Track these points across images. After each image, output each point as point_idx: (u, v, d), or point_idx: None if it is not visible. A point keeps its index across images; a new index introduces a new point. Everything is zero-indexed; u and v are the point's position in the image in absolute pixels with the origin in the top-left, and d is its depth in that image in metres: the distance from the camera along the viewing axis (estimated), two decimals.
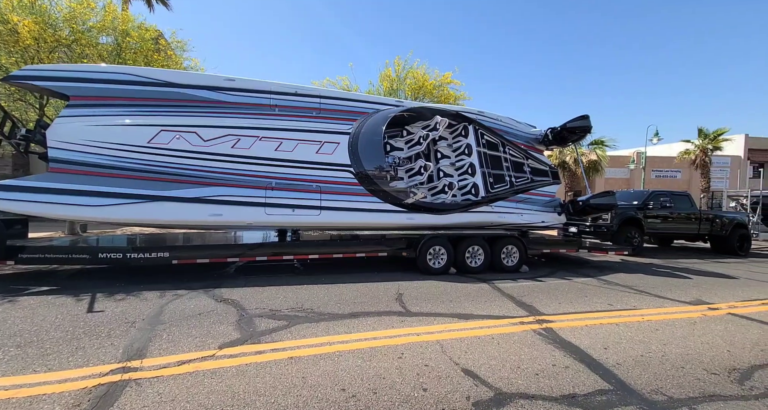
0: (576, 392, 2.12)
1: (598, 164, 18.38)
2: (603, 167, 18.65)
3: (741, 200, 11.57)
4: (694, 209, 9.43)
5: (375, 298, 4.13)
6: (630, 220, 8.60)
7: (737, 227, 9.30)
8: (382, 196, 5.73)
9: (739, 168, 24.38)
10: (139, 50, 8.96)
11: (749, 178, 23.21)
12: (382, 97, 7.15)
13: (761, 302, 4.37)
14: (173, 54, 11.22)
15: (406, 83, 14.80)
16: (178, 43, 11.29)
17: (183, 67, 11.34)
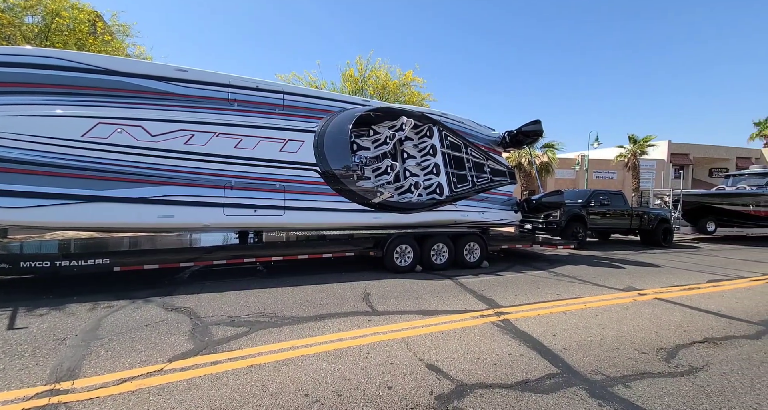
0: (529, 378, 2.29)
1: (549, 165, 20.06)
2: (553, 168, 20.40)
3: (664, 198, 13.35)
4: (627, 207, 10.66)
5: (342, 299, 4.09)
6: (575, 217, 9.49)
7: (661, 221, 10.69)
8: (349, 195, 5.69)
9: (663, 170, 28.03)
10: (71, 32, 7.93)
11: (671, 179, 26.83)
12: (349, 95, 7.09)
13: (682, 287, 5.07)
14: (113, 39, 10.10)
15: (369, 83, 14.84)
16: (120, 28, 10.20)
17: (127, 55, 10.26)
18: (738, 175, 14.66)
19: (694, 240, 12.04)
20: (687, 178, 29.99)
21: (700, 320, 3.58)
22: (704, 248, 9.84)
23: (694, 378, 2.34)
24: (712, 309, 3.95)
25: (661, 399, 2.07)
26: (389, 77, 15.18)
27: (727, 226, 12.72)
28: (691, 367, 2.50)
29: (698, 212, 12.47)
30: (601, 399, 2.06)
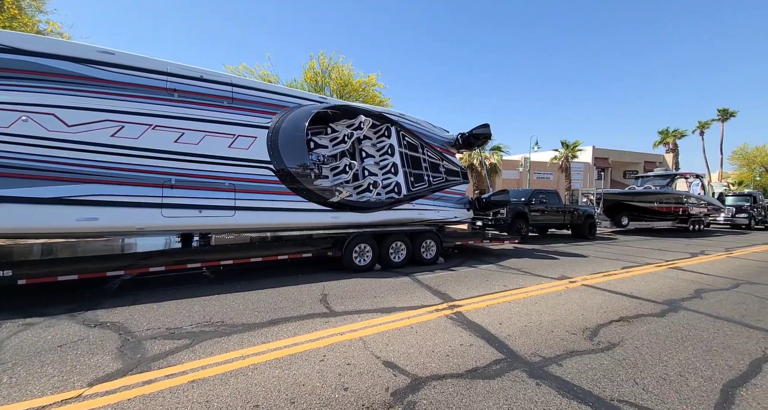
0: (478, 365, 2.45)
1: (497, 166, 21.72)
2: (500, 169, 22.13)
3: (590, 196, 15.35)
4: (561, 204, 12.01)
5: (298, 301, 3.96)
6: (519, 214, 10.43)
7: (588, 217, 12.24)
8: (306, 195, 5.52)
9: (589, 172, 32.09)
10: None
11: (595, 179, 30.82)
12: (305, 91, 6.86)
13: (603, 274, 5.86)
14: (22, 14, 8.47)
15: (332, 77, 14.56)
16: (32, 2, 8.59)
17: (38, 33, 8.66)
18: (645, 176, 17.43)
19: (612, 233, 14.00)
20: (607, 179, 34.77)
21: (617, 301, 4.18)
22: (620, 240, 11.50)
23: (612, 353, 2.72)
24: (626, 292, 4.63)
25: (585, 373, 2.37)
26: (352, 75, 15.06)
27: (637, 220, 15.10)
28: (609, 344, 2.90)
29: (615, 208, 14.58)
30: (538, 378, 2.29)
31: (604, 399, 2.05)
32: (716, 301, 4.28)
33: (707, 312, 3.81)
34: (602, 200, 14.50)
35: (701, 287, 5.01)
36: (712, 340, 3.01)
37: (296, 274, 5.44)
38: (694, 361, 2.59)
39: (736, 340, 3.02)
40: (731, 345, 2.90)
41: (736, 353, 2.75)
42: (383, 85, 15.81)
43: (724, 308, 3.99)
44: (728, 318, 3.65)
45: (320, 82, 14.53)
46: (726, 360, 2.62)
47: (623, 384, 2.22)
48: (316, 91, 14.10)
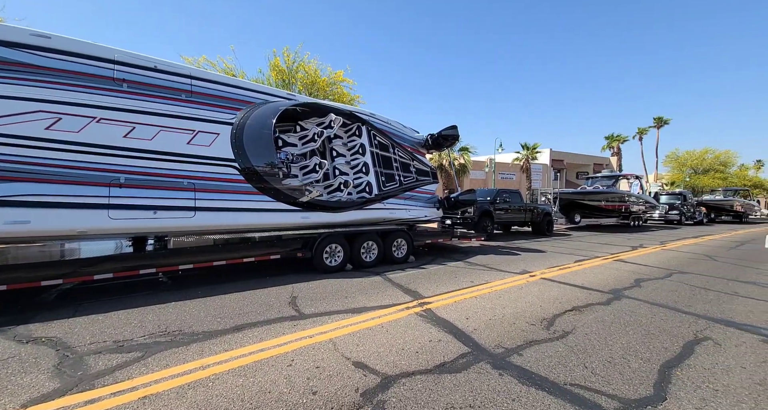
0: (445, 360, 2.53)
1: (465, 166, 22.58)
2: (468, 169, 23.03)
3: (547, 195, 16.56)
4: (522, 203, 12.80)
5: (265, 305, 3.82)
6: (485, 212, 10.94)
7: (546, 215, 13.17)
8: (274, 194, 5.34)
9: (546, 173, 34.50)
10: None
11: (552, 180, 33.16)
12: (273, 88, 6.61)
13: (559, 268, 6.33)
14: None
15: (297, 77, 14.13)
16: None
17: None
18: (594, 177, 19.14)
19: (567, 229, 15.18)
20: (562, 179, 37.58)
21: (570, 293, 4.54)
22: (573, 236, 12.51)
23: (566, 340, 2.95)
24: (578, 284, 5.06)
25: (543, 361, 2.55)
26: (319, 74, 14.72)
27: (588, 217, 16.55)
28: (563, 332, 3.14)
29: (569, 206, 15.88)
30: (501, 369, 2.42)
31: (558, 384, 2.22)
32: (653, 289, 4.82)
33: (645, 300, 4.28)
34: (558, 199, 15.74)
35: (640, 276, 5.62)
36: (650, 325, 3.38)
37: (264, 277, 5.24)
38: (635, 344, 2.89)
39: (671, 324, 3.41)
40: (667, 329, 3.27)
41: (671, 336, 3.10)
42: (352, 82, 15.65)
43: (659, 295, 4.51)
44: (663, 304, 4.12)
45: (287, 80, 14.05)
46: (662, 342, 2.95)
47: (575, 369, 2.42)
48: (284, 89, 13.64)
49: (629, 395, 2.10)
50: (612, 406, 1.97)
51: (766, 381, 2.26)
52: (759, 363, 2.55)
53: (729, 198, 24.32)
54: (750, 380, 2.29)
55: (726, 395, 2.10)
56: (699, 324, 3.41)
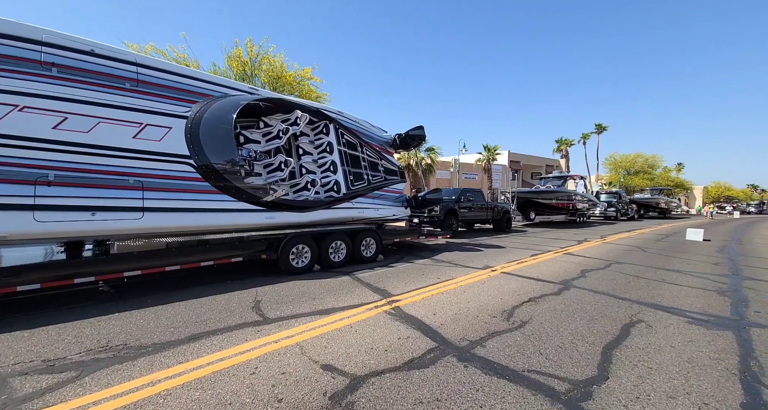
0: (414, 356, 2.58)
1: (432, 166, 23.25)
2: (434, 169, 23.74)
3: (506, 194, 17.69)
4: (484, 202, 13.52)
5: (226, 311, 3.59)
6: (450, 211, 11.37)
7: (505, 213, 14.06)
8: (236, 193, 5.04)
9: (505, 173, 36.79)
10: None
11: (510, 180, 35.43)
12: (233, 80, 6.21)
13: (517, 262, 6.79)
14: None
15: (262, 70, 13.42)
16: None
17: None
18: (546, 178, 20.82)
19: (523, 226, 16.33)
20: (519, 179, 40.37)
21: (527, 285, 4.90)
22: (529, 232, 13.50)
23: (523, 330, 3.17)
24: (533, 276, 5.47)
25: (503, 350, 2.71)
26: (285, 68, 14.13)
27: (541, 214, 17.98)
28: (521, 322, 3.37)
29: (525, 205, 17.13)
30: (466, 361, 2.53)
31: (517, 371, 2.38)
32: (595, 279, 5.38)
33: (590, 288, 4.75)
34: (516, 198, 16.90)
35: (585, 267, 6.24)
36: (593, 311, 3.76)
37: (225, 281, 4.93)
38: (581, 330, 3.19)
39: (611, 310, 3.82)
40: (607, 314, 3.66)
41: (611, 320, 3.47)
42: (319, 80, 15.28)
43: (601, 284, 5.04)
44: (604, 291, 4.61)
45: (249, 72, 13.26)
46: (604, 326, 3.30)
47: (531, 356, 2.62)
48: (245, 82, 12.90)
49: (578, 376, 2.31)
50: (563, 388, 2.16)
51: (693, 359, 2.61)
52: (686, 343, 2.95)
53: (655, 196, 27.91)
54: (679, 358, 2.64)
55: (659, 372, 2.40)
56: (633, 309, 3.87)
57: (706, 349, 2.79)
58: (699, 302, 4.17)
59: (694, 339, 2.99)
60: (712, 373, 2.37)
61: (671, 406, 1.97)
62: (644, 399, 2.04)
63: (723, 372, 2.38)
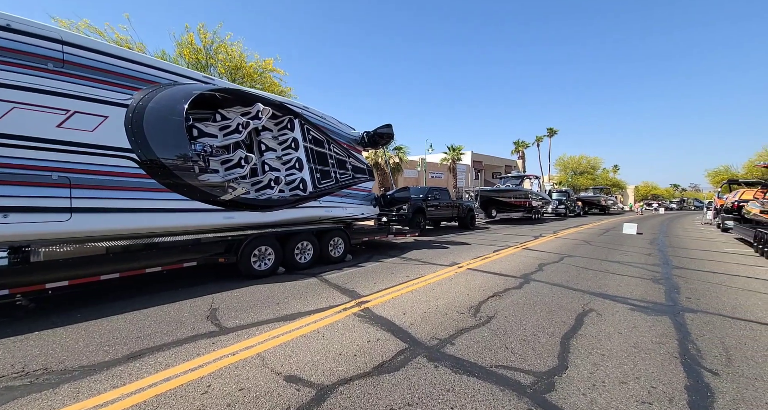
0: (384, 360, 2.51)
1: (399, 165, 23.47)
2: (402, 168, 24.00)
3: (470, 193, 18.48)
4: (450, 200, 13.95)
5: (175, 323, 3.23)
6: (419, 209, 11.55)
7: (469, 211, 14.64)
8: (188, 192, 4.59)
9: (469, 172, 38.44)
10: None
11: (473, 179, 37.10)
12: (184, 68, 5.64)
13: (481, 258, 7.04)
14: None
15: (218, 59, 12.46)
16: None
17: None
18: (505, 177, 22.10)
19: (486, 223, 17.15)
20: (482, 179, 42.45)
21: (491, 280, 5.08)
22: (491, 229, 14.19)
23: (490, 325, 3.25)
24: (497, 271, 5.70)
25: (472, 347, 2.74)
26: (244, 58, 13.24)
27: (502, 212, 19.05)
28: (488, 317, 3.46)
29: (487, 203, 18.02)
30: (437, 361, 2.51)
31: (485, 368, 2.41)
32: (551, 271, 5.76)
33: (547, 281, 5.07)
34: (479, 197, 17.69)
35: (542, 261, 6.67)
36: (551, 303, 3.99)
37: (175, 288, 4.46)
38: (542, 322, 3.35)
39: (566, 301, 4.08)
40: (563, 305, 3.90)
41: (567, 311, 3.70)
42: (283, 72, 14.58)
43: (556, 276, 5.40)
44: (559, 283, 4.93)
45: (204, 62, 12.22)
46: (561, 317, 3.50)
47: (498, 351, 2.68)
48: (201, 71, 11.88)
49: (541, 368, 2.41)
50: (528, 381, 2.23)
51: (638, 344, 2.85)
52: (631, 329, 3.22)
53: (597, 195, 30.97)
54: (626, 343, 2.87)
55: (611, 358, 2.58)
56: (585, 299, 4.19)
57: (649, 334, 3.08)
58: (639, 290, 4.64)
59: (638, 325, 3.30)
60: (656, 357, 2.61)
61: (623, 391, 2.13)
62: (600, 386, 2.18)
63: (666, 356, 2.63)
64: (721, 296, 4.37)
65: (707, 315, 3.63)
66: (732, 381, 2.26)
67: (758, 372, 2.36)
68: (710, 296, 4.37)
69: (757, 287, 4.92)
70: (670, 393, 2.09)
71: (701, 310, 3.79)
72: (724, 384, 2.22)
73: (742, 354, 2.66)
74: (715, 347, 2.80)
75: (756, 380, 2.25)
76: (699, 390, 2.14)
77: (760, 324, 3.35)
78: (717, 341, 2.93)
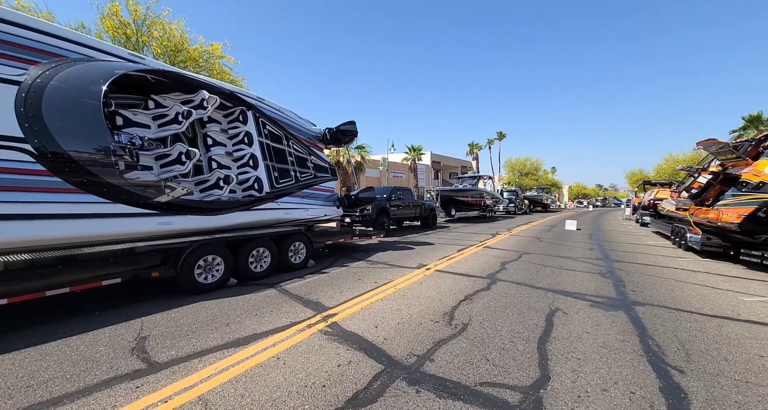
0: (358, 389, 2.18)
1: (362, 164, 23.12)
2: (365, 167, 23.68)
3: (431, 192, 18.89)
4: (413, 200, 14.02)
5: (85, 361, 2.52)
6: (383, 209, 11.34)
7: (431, 210, 14.88)
8: (109, 192, 3.75)
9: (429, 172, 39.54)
10: None
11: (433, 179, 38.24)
12: (103, 41, 4.65)
13: (447, 258, 7.04)
14: None
15: (153, 37, 10.88)
16: None
17: None
18: (462, 177, 23.08)
19: (446, 222, 17.64)
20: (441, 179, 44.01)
21: (460, 282, 5.02)
22: (451, 227, 14.58)
23: (467, 333, 3.09)
24: (464, 272, 5.70)
25: (452, 362, 2.54)
26: (187, 40, 11.73)
27: (460, 211, 19.78)
28: (463, 324, 3.31)
29: (447, 202, 18.58)
30: (418, 384, 2.26)
31: (470, 387, 2.22)
32: (514, 270, 5.92)
33: (511, 280, 5.16)
34: (439, 196, 18.15)
35: (503, 259, 6.88)
36: (520, 304, 3.99)
37: (90, 313, 3.61)
38: (516, 326, 3.30)
39: (533, 300, 4.13)
40: (531, 306, 3.93)
41: (536, 312, 3.71)
42: (234, 60, 13.29)
43: (519, 275, 5.54)
44: (523, 282, 5.04)
45: (134, 38, 10.54)
46: (532, 319, 3.49)
47: (480, 365, 2.51)
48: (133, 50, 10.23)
49: (525, 381, 2.29)
50: (516, 399, 2.09)
51: (606, 344, 2.91)
52: (595, 327, 3.31)
53: (540, 194, 33.99)
54: (596, 344, 2.91)
55: (587, 363, 2.57)
56: (549, 297, 4.30)
57: (612, 331, 3.19)
58: (592, 285, 4.95)
59: (600, 323, 3.42)
60: (625, 357, 2.67)
61: (607, 400, 2.09)
62: (584, 397, 2.12)
63: (632, 354, 2.71)
64: (660, 289, 4.84)
65: (654, 308, 3.94)
66: (698, 378, 2.36)
67: (717, 368, 2.52)
68: (651, 289, 4.81)
69: (685, 277, 5.58)
70: (649, 398, 2.10)
71: (648, 303, 4.12)
72: (692, 382, 2.31)
73: (696, 348, 2.86)
74: (672, 342, 2.98)
75: (718, 376, 2.40)
76: (672, 392, 2.19)
77: (701, 315, 3.70)
78: (671, 335, 3.13)
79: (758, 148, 6.97)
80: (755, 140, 7.35)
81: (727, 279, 5.48)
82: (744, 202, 6.22)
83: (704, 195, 8.02)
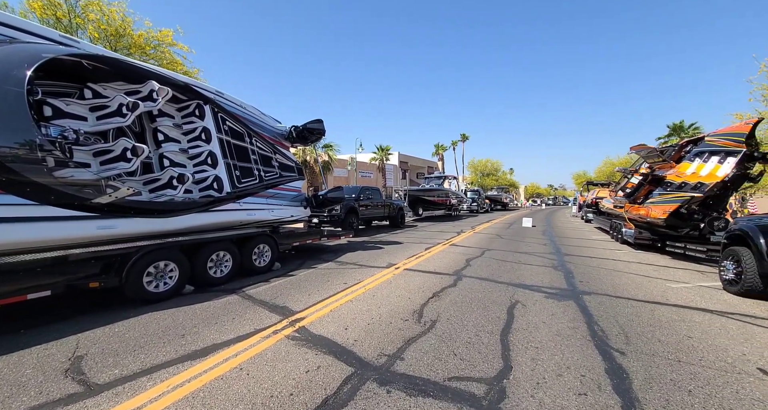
0: (328, 394, 2.14)
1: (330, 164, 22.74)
2: (332, 167, 23.32)
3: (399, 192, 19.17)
4: (382, 199, 14.10)
5: (10, 387, 2.15)
6: (352, 209, 11.26)
7: (399, 210, 15.10)
8: (35, 193, 3.28)
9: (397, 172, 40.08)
10: None
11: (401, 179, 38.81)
12: (26, 20, 4.03)
13: (416, 257, 7.18)
14: None
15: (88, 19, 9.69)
16: None
17: None
18: (428, 177, 23.75)
19: (414, 221, 18.01)
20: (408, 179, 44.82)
21: (428, 280, 5.14)
22: (419, 226, 14.92)
23: (435, 330, 3.17)
24: (431, 270, 5.85)
25: (422, 359, 2.59)
26: (131, 24, 10.57)
27: (427, 210, 20.32)
28: (432, 321, 3.39)
29: (415, 201, 18.97)
30: (388, 384, 2.26)
31: (439, 383, 2.27)
32: (478, 266, 6.21)
33: (476, 276, 5.40)
34: (407, 196, 18.48)
35: (468, 256, 7.20)
36: (484, 298, 4.19)
37: (15, 331, 3.12)
38: (480, 320, 3.45)
39: (496, 295, 4.35)
40: (494, 300, 4.14)
41: (498, 305, 3.92)
42: (187, 49, 12.27)
43: (482, 270, 5.82)
44: (486, 277, 5.30)
45: (65, 20, 9.28)
46: (495, 312, 3.68)
47: (448, 360, 2.59)
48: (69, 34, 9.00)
49: (490, 373, 2.40)
50: (482, 391, 2.18)
51: (560, 332, 3.15)
52: (550, 316, 3.58)
53: (500, 193, 36.16)
54: (551, 332, 3.14)
55: (544, 350, 2.76)
56: (509, 291, 4.57)
57: (564, 320, 3.48)
58: (546, 278, 5.36)
59: (555, 313, 3.72)
60: (576, 343, 2.93)
61: (561, 384, 2.27)
62: (542, 383, 2.28)
63: (581, 340, 2.97)
64: (603, 278, 5.40)
65: (598, 296, 4.38)
66: (637, 359, 2.65)
67: (652, 349, 2.84)
68: (596, 279, 5.34)
69: (622, 268, 6.28)
70: (597, 380, 2.32)
71: (593, 292, 4.58)
72: (632, 363, 2.58)
73: (634, 331, 3.22)
74: (613, 326, 3.33)
75: (654, 356, 2.71)
76: (616, 373, 2.43)
77: (636, 301, 4.19)
78: (612, 320, 3.51)
79: (680, 152, 8.09)
80: (678, 145, 8.53)
81: (656, 268, 6.27)
82: (669, 200, 7.17)
83: (636, 194, 9.10)
